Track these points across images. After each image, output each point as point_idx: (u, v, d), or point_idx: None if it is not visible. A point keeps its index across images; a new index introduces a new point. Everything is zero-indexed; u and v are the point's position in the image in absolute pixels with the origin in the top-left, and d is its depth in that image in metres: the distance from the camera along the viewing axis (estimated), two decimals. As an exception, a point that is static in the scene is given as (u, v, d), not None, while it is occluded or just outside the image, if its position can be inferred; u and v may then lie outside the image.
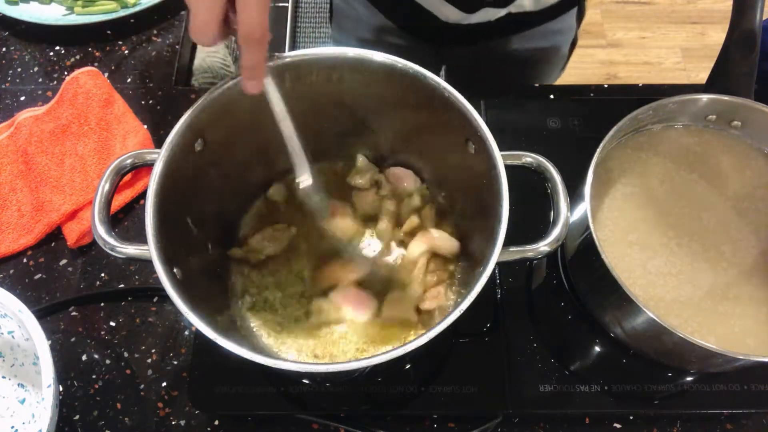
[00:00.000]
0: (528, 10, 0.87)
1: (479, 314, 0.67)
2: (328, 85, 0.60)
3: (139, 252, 0.52)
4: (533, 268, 0.72)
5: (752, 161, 0.65)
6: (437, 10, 0.87)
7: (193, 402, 0.63)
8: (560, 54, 1.02)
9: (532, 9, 0.87)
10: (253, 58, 0.48)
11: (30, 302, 0.61)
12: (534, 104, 0.83)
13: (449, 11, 0.86)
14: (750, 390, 0.63)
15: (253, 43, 0.47)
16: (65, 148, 0.77)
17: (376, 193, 0.70)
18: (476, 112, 0.55)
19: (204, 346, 0.65)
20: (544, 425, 0.64)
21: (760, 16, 0.61)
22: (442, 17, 0.88)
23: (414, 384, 0.63)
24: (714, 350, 0.51)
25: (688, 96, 0.62)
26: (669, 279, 0.59)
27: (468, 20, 0.87)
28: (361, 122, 0.67)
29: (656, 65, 2.10)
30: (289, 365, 0.46)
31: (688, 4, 2.23)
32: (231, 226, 0.69)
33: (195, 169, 0.58)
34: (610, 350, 0.66)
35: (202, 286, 0.59)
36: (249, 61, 0.48)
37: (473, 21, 0.87)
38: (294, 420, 0.64)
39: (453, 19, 0.87)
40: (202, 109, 0.55)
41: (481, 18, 0.87)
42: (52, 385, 0.55)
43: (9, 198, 0.75)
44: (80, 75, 0.80)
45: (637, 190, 0.63)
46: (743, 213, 0.62)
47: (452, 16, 0.87)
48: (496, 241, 0.50)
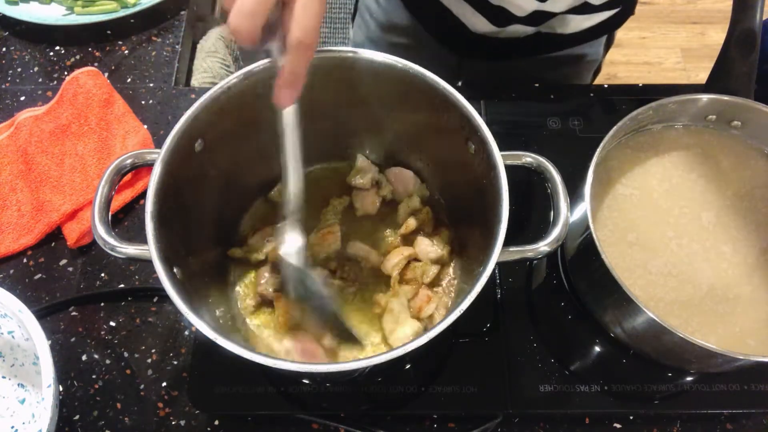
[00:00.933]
0: (558, 33, 0.86)
1: (479, 314, 0.67)
2: (328, 85, 0.60)
3: (139, 252, 0.52)
4: (533, 268, 0.72)
5: (752, 161, 0.65)
6: (468, 20, 0.86)
7: (193, 402, 0.63)
8: (584, 78, 1.00)
9: (562, 32, 0.86)
10: (298, 65, 0.46)
11: (30, 302, 0.61)
12: (534, 104, 0.83)
13: (480, 23, 0.85)
14: (750, 390, 0.63)
15: (303, 48, 0.45)
16: (65, 148, 0.77)
17: (377, 193, 0.70)
18: (476, 112, 0.55)
19: (204, 346, 0.65)
20: (544, 425, 0.64)
21: (760, 16, 0.61)
22: (472, 28, 0.87)
23: (414, 384, 0.63)
24: (714, 350, 0.51)
25: (688, 96, 0.62)
26: (669, 279, 0.59)
27: (498, 34, 0.87)
28: (362, 122, 0.67)
29: (656, 65, 2.10)
30: (289, 365, 0.46)
31: (688, 4, 2.23)
32: (231, 226, 0.69)
33: (195, 169, 0.58)
34: (610, 350, 0.66)
35: (202, 286, 0.59)
36: (294, 67, 0.46)
37: (502, 36, 0.87)
38: (294, 420, 0.64)
39: (482, 30, 0.87)
40: (202, 109, 0.55)
41: (510, 34, 0.86)
42: (52, 385, 0.55)
43: (9, 198, 0.75)
44: (80, 75, 0.80)
45: (637, 190, 0.63)
46: (743, 213, 0.62)
47: (482, 27, 0.86)
48: (496, 241, 0.50)
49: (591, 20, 0.85)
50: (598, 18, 0.86)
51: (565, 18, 0.83)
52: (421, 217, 0.68)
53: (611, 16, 0.87)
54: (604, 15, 0.86)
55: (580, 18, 0.84)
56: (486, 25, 0.85)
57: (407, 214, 0.69)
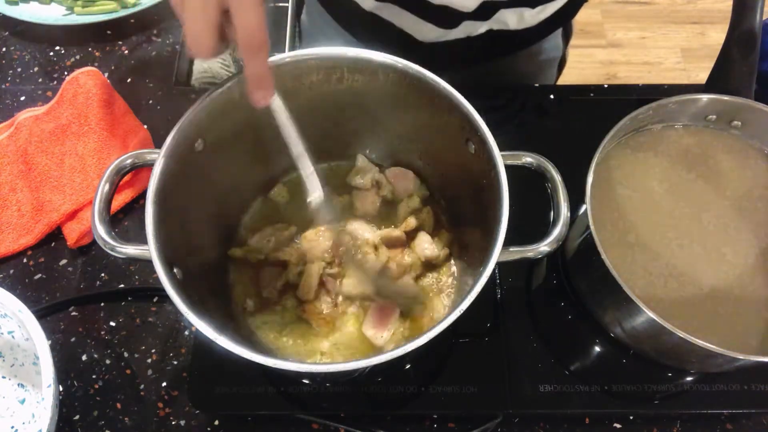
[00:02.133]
0: (511, 29, 0.82)
1: (479, 314, 0.67)
2: (328, 85, 0.60)
3: (139, 252, 0.52)
4: (533, 268, 0.72)
5: (752, 161, 0.65)
6: (413, 29, 0.81)
7: (193, 402, 0.63)
8: (548, 76, 0.98)
9: (515, 27, 0.82)
10: (256, 66, 0.46)
11: (30, 302, 0.61)
12: (534, 104, 0.83)
13: (426, 29, 0.80)
14: (750, 390, 0.63)
15: (253, 50, 0.45)
16: (65, 148, 0.77)
17: (377, 193, 0.70)
18: (476, 112, 0.55)
19: (204, 346, 0.65)
20: (544, 425, 0.64)
21: (760, 17, 0.61)
22: (419, 36, 0.82)
23: (414, 384, 0.63)
24: (714, 350, 0.51)
25: (688, 96, 0.62)
26: (670, 280, 0.59)
27: (446, 37, 0.81)
28: (361, 122, 0.67)
29: (656, 65, 2.10)
30: (289, 365, 0.46)
31: (688, 4, 2.23)
32: (231, 226, 0.69)
33: (195, 169, 0.58)
34: (610, 350, 0.66)
35: (202, 286, 0.59)
36: (252, 69, 0.46)
37: (451, 37, 0.81)
38: (294, 420, 0.64)
39: (431, 38, 0.81)
40: (202, 109, 0.55)
41: (461, 34, 0.81)
42: (52, 385, 0.55)
43: (9, 198, 0.75)
44: (80, 75, 0.80)
45: (637, 191, 0.63)
46: (743, 213, 0.62)
47: (430, 34, 0.81)
48: (496, 242, 0.50)
49: (544, 12, 0.82)
50: (551, 8, 0.82)
51: (516, 11, 0.79)
52: (422, 217, 0.68)
53: (564, 5, 0.83)
54: (557, 5, 0.82)
55: (531, 11, 0.80)
56: (434, 30, 0.80)
57: (407, 214, 0.69)
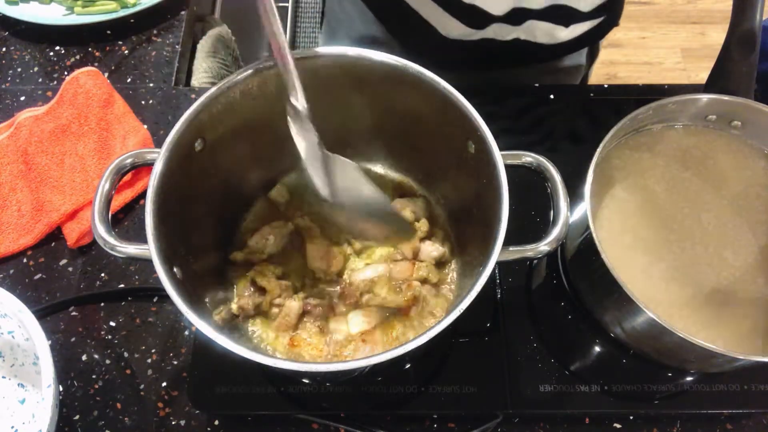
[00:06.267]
0: (538, 42, 0.82)
1: (479, 314, 0.67)
2: (328, 85, 0.60)
3: (139, 252, 0.52)
4: (533, 268, 0.72)
5: (752, 161, 0.65)
6: (438, 23, 0.80)
7: (193, 402, 0.63)
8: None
9: (543, 42, 0.82)
10: None
11: (30, 302, 0.61)
12: (534, 104, 0.83)
13: (451, 25, 0.79)
14: (750, 390, 0.63)
15: None
16: (65, 148, 0.77)
17: None
18: (476, 112, 0.55)
19: (204, 346, 0.65)
20: (544, 425, 0.64)
21: (760, 16, 0.61)
22: (444, 31, 0.81)
23: (414, 384, 0.63)
24: (714, 350, 0.51)
25: (688, 96, 0.62)
26: (670, 281, 0.59)
27: (471, 36, 0.81)
28: (361, 122, 0.67)
29: (656, 65, 2.10)
30: (289, 365, 0.46)
31: (688, 4, 2.23)
32: (231, 226, 0.69)
33: (195, 169, 0.58)
34: (610, 350, 0.66)
35: (202, 286, 0.59)
36: None
37: (477, 38, 0.81)
38: (294, 420, 0.64)
39: (455, 35, 0.81)
40: (202, 109, 0.55)
41: (486, 35, 0.80)
42: (52, 385, 0.55)
43: (9, 198, 0.75)
44: (80, 75, 0.80)
45: (637, 191, 0.63)
46: (743, 214, 0.62)
47: (454, 31, 0.80)
48: (496, 241, 0.50)
49: (574, 31, 0.82)
50: (581, 29, 0.82)
51: (547, 27, 0.79)
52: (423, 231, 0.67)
53: (594, 26, 0.83)
54: (587, 25, 0.82)
55: (562, 28, 0.80)
56: (459, 28, 0.80)
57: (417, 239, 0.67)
